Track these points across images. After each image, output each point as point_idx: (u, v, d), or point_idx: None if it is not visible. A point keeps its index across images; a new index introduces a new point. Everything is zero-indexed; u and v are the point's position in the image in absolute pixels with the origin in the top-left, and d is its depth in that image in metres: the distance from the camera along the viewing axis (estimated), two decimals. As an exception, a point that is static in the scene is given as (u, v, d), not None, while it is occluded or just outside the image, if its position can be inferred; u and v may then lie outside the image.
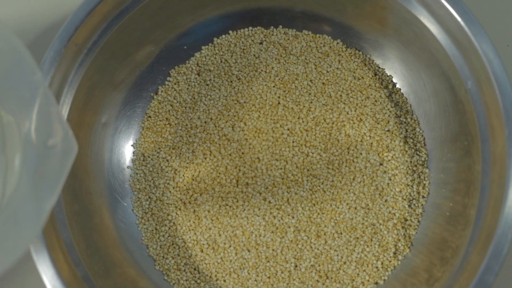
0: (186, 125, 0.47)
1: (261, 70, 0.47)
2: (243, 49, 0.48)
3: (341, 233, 0.45)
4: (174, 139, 0.47)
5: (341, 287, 0.44)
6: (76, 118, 0.41)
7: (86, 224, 0.42)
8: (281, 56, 0.48)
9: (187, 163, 0.46)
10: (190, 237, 0.45)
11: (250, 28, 0.48)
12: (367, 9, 0.45)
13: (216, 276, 0.45)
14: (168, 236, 0.46)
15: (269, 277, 0.44)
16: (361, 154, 0.46)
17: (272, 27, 0.48)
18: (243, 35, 0.48)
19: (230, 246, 0.45)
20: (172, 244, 0.46)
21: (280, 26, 0.48)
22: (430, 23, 0.40)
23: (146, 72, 0.47)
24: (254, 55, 0.48)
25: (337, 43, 0.48)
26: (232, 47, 0.48)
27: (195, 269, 0.45)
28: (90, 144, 0.44)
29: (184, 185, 0.46)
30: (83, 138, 0.43)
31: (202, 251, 0.45)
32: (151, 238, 0.46)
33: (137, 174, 0.47)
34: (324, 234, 0.45)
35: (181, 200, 0.46)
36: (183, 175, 0.46)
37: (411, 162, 0.46)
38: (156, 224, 0.46)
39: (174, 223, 0.46)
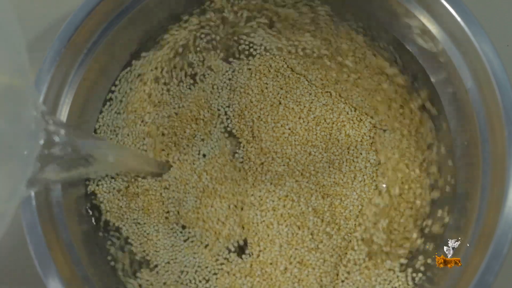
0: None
1: (261, 70, 0.48)
2: (243, 49, 0.48)
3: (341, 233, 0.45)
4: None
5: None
6: (76, 118, 0.41)
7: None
8: (281, 56, 0.48)
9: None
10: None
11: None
12: (366, 9, 0.45)
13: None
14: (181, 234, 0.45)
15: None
16: (361, 154, 0.46)
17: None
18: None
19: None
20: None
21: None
22: (430, 23, 0.40)
23: (146, 72, 0.47)
24: (254, 55, 0.48)
25: (337, 43, 0.48)
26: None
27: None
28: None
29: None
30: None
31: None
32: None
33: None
34: (326, 234, 0.45)
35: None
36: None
37: (411, 162, 0.46)
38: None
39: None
